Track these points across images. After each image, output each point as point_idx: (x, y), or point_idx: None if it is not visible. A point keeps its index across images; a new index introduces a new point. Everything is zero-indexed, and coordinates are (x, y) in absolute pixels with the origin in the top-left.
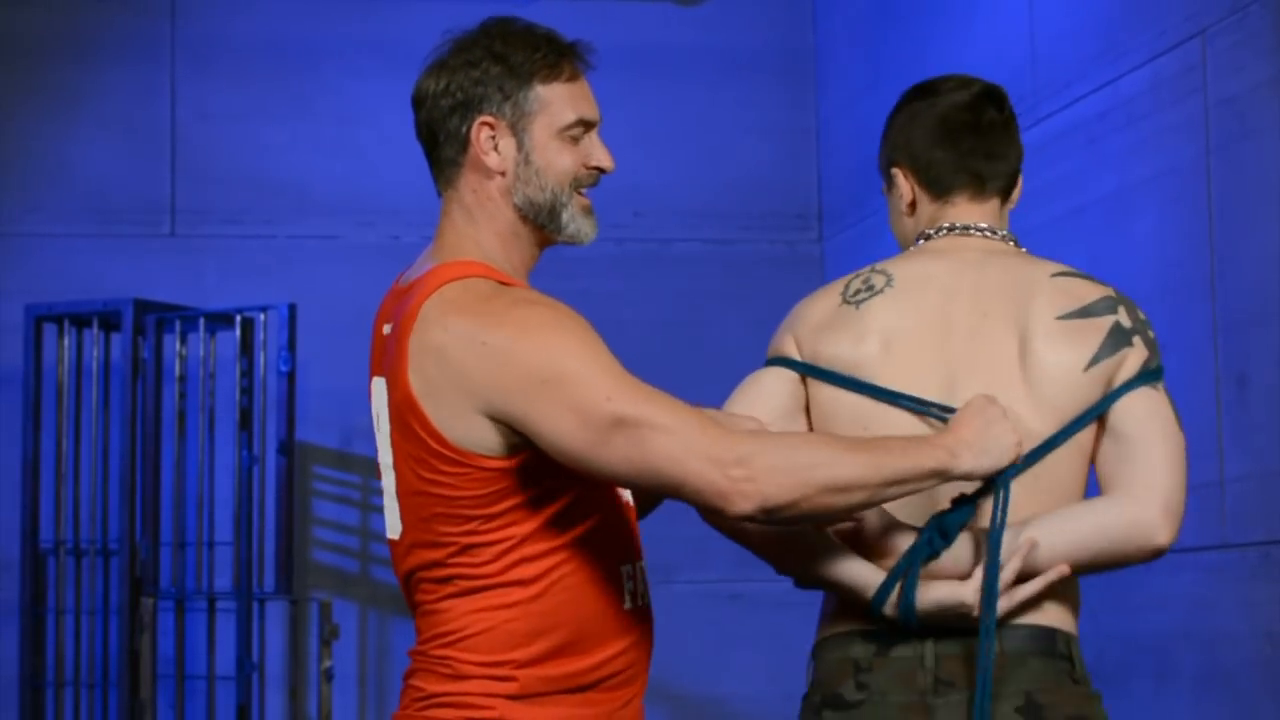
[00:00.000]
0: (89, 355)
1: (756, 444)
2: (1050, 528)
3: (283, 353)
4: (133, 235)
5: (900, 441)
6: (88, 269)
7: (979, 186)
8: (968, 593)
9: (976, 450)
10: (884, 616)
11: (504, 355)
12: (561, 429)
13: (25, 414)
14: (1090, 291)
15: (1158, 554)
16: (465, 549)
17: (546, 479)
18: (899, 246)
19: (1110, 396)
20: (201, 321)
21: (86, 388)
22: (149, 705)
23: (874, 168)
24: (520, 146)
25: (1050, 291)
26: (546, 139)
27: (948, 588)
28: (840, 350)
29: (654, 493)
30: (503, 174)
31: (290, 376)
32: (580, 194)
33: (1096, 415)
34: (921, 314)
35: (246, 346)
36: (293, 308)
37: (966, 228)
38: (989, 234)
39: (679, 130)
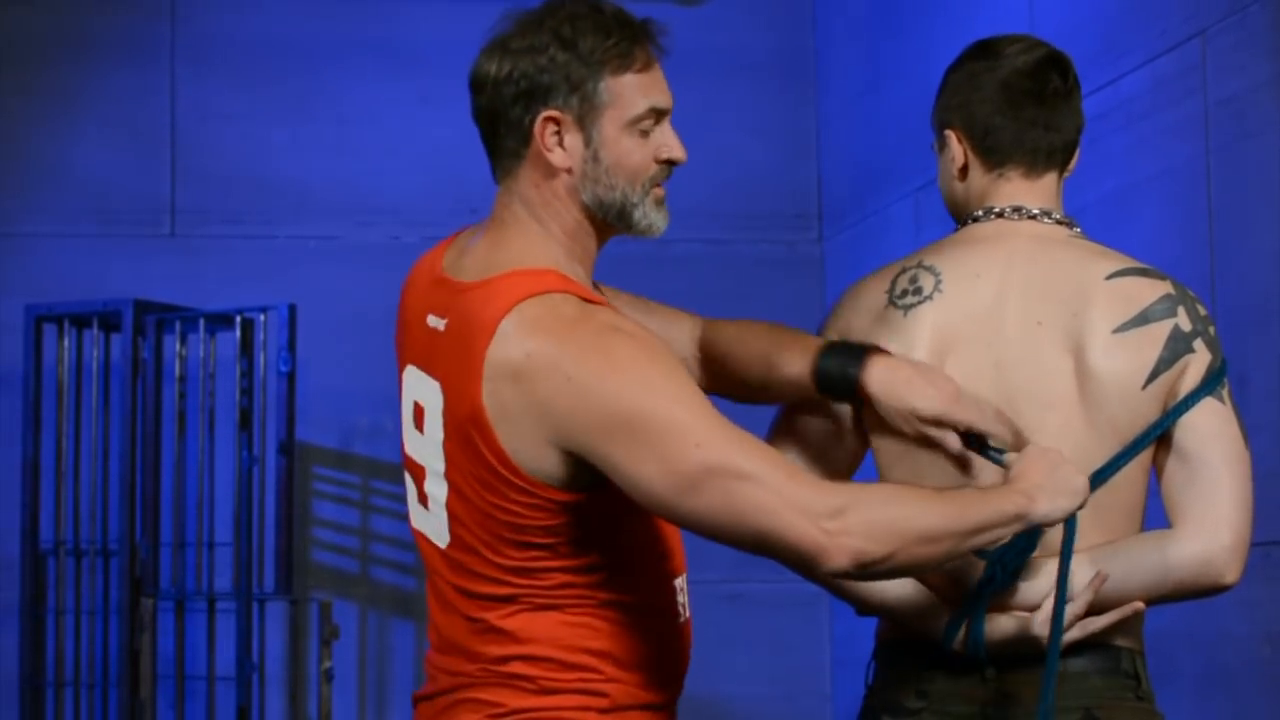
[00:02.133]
0: (89, 356)
1: (849, 496)
2: (1120, 562)
3: (283, 353)
4: (133, 235)
5: (976, 490)
6: (88, 269)
7: (1035, 159)
8: (1037, 625)
9: (1050, 493)
10: (953, 650)
11: (588, 392)
12: (646, 474)
13: (25, 414)
14: (1148, 292)
15: (1225, 590)
16: (532, 573)
17: (620, 510)
18: (944, 205)
19: (1172, 413)
20: (201, 322)
21: (86, 388)
22: (149, 705)
23: (874, 168)
24: (588, 142)
25: (1106, 299)
26: (616, 134)
27: (1015, 621)
28: None
29: (738, 546)
30: (569, 171)
31: (290, 377)
32: (656, 187)
33: (1159, 433)
34: (973, 323)
35: (246, 347)
36: (293, 308)
37: (1018, 210)
38: (1043, 218)
39: (679, 130)
